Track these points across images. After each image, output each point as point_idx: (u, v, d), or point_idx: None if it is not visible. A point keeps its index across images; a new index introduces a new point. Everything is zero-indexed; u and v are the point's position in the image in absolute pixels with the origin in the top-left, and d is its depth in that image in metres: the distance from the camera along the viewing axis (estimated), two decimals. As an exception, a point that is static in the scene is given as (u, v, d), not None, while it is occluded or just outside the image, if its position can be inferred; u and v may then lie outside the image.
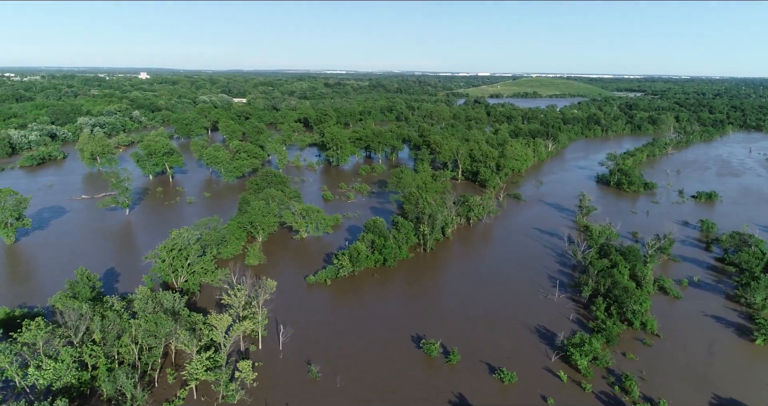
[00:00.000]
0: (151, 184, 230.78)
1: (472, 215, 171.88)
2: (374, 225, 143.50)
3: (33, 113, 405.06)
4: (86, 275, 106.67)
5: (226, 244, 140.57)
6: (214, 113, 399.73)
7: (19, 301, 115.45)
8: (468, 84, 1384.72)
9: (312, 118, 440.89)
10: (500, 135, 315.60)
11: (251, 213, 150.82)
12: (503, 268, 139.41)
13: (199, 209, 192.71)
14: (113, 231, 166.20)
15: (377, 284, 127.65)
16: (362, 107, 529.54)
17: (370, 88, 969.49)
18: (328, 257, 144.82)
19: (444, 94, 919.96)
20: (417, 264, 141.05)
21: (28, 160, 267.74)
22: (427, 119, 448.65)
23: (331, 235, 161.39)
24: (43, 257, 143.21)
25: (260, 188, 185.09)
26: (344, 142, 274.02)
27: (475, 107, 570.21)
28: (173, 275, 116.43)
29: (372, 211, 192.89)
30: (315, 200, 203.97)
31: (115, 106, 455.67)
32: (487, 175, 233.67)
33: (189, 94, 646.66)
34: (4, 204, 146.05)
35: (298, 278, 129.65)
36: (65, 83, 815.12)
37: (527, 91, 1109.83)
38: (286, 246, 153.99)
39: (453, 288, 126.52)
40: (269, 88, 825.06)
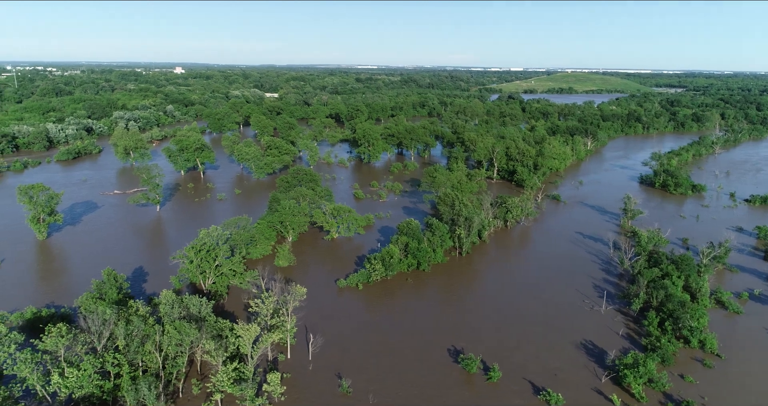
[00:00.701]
0: (182, 180, 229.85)
1: (509, 217, 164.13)
2: (408, 227, 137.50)
3: (71, 107, 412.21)
4: (113, 276, 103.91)
5: (255, 244, 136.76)
6: (246, 108, 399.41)
7: (48, 298, 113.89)
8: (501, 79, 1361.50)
9: (343, 113, 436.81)
10: (537, 132, 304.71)
11: (281, 212, 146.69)
12: (544, 275, 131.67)
13: (229, 206, 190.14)
14: (143, 228, 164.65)
15: (411, 290, 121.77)
16: (394, 103, 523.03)
17: (401, 83, 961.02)
18: (360, 259, 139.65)
19: (477, 90, 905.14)
20: (452, 269, 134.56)
21: (64, 154, 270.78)
22: (461, 115, 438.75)
23: (362, 235, 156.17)
24: (74, 253, 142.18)
25: (291, 186, 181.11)
26: (376, 139, 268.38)
27: (509, 103, 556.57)
28: (201, 277, 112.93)
29: (404, 211, 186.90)
30: (346, 199, 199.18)
31: (150, 101, 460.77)
32: (524, 174, 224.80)
33: (222, 89, 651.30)
34: (37, 200, 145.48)
35: (328, 281, 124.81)
36: (103, 78, 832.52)
37: (562, 86, 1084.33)
38: (317, 247, 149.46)
39: (491, 296, 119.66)
40: (301, 83, 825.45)
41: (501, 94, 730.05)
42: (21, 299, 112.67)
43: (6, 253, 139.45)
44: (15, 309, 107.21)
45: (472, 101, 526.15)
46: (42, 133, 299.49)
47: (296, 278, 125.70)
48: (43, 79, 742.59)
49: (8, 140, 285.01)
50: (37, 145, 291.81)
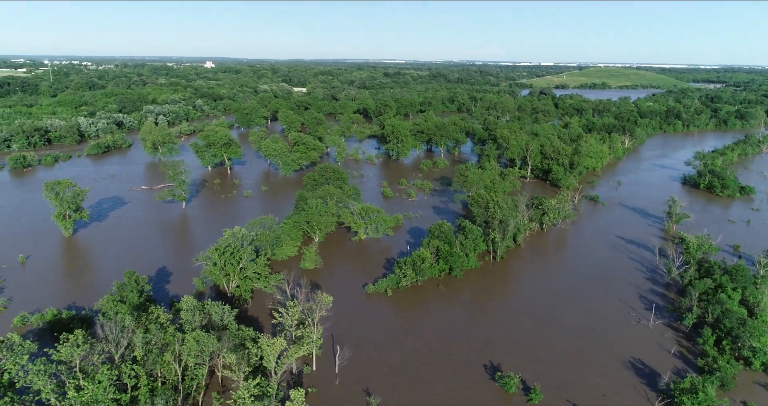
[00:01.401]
0: (209, 175, 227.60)
1: (546, 219, 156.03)
2: (440, 230, 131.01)
3: (102, 101, 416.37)
4: (134, 278, 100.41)
5: (280, 244, 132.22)
6: (274, 103, 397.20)
7: (71, 298, 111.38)
8: (531, 74, 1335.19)
9: (371, 108, 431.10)
10: (572, 129, 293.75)
11: (308, 212, 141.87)
12: (585, 282, 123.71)
13: (255, 204, 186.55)
14: (169, 225, 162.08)
15: (443, 297, 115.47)
16: (422, 98, 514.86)
17: (430, 77, 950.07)
18: (389, 262, 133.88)
19: (506, 85, 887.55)
20: (486, 275, 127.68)
21: (94, 148, 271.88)
22: (491, 111, 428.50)
23: (391, 237, 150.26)
24: (98, 250, 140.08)
25: (318, 184, 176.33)
26: (405, 135, 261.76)
27: (541, 99, 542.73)
28: (224, 280, 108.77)
29: (434, 211, 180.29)
30: (374, 197, 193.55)
31: (180, 95, 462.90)
32: (559, 174, 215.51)
33: (251, 83, 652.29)
34: (63, 196, 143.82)
35: (356, 286, 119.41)
36: (136, 72, 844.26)
37: (595, 81, 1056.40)
38: (344, 248, 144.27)
39: (529, 305, 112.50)
40: (329, 78, 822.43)
41: (532, 90, 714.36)
42: (44, 298, 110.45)
43: (32, 249, 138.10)
44: (37, 309, 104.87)
45: (503, 97, 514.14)
46: (73, 127, 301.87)
47: (322, 282, 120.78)
48: (77, 74, 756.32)
49: (41, 134, 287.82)
50: (68, 139, 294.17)
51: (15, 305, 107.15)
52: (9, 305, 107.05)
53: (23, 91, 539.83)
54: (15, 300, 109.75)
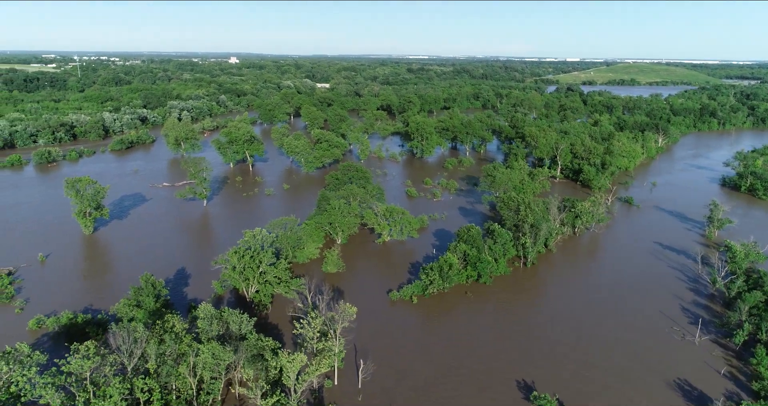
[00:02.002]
0: (231, 172, 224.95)
1: (578, 223, 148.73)
2: (468, 234, 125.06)
3: (128, 97, 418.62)
4: (151, 282, 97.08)
5: (302, 246, 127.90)
6: (297, 99, 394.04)
7: (89, 299, 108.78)
8: (557, 70, 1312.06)
9: (395, 105, 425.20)
10: (603, 128, 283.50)
11: (330, 213, 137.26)
12: (622, 292, 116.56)
13: (277, 202, 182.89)
14: (190, 224, 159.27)
15: (471, 306, 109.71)
16: (447, 94, 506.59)
17: (453, 73, 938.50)
18: (414, 266, 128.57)
19: (532, 81, 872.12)
20: (516, 282, 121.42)
21: (118, 144, 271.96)
22: (517, 108, 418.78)
23: (415, 239, 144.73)
24: (118, 249, 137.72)
25: (341, 183, 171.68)
26: (430, 133, 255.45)
27: (568, 95, 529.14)
28: (244, 284, 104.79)
29: (460, 212, 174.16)
30: (398, 197, 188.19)
31: (203, 91, 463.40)
32: (591, 174, 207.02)
33: (274, 79, 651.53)
34: (83, 193, 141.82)
35: (380, 292, 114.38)
36: (162, 67, 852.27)
37: (623, 78, 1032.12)
38: (367, 251, 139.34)
39: (562, 316, 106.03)
40: (352, 73, 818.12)
41: (559, 86, 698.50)
42: (61, 299, 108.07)
43: (52, 247, 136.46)
44: (53, 312, 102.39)
45: (530, 93, 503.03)
46: (98, 122, 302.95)
47: (345, 287, 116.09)
48: (104, 69, 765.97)
49: (66, 129, 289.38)
50: (92, 135, 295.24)
51: (32, 306, 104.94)
52: (26, 306, 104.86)
53: (52, 86, 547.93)
54: (32, 301, 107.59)
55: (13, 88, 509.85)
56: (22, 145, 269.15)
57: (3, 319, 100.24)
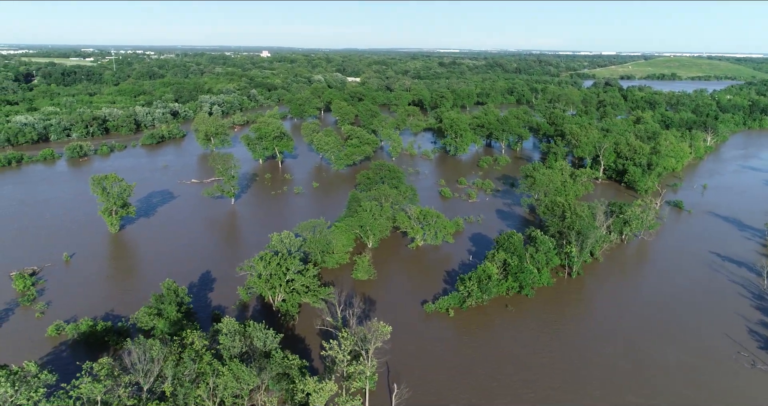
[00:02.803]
0: (260, 169, 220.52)
1: (627, 230, 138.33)
2: (508, 241, 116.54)
3: (160, 91, 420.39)
4: (173, 289, 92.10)
5: (331, 250, 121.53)
6: (328, 94, 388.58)
7: (111, 302, 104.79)
8: (593, 64, 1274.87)
9: (426, 100, 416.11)
10: (648, 125, 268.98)
11: (362, 215, 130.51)
12: (679, 310, 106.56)
13: (306, 201, 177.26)
14: (216, 223, 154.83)
15: (513, 321, 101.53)
16: (480, 89, 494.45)
17: (486, 67, 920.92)
18: (449, 274, 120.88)
19: (567, 75, 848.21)
20: (560, 294, 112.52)
21: (149, 138, 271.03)
22: (554, 104, 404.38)
23: (450, 244, 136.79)
24: (143, 250, 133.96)
25: (372, 183, 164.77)
26: (464, 130, 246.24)
27: (607, 90, 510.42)
28: (270, 293, 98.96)
29: (498, 214, 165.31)
30: (431, 198, 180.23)
31: (235, 85, 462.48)
32: (636, 175, 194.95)
33: (305, 73, 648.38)
34: (110, 191, 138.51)
35: (413, 303, 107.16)
36: (195, 61, 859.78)
37: (663, 72, 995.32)
38: (399, 256, 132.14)
39: (614, 335, 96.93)
40: (383, 67, 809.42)
41: (597, 81, 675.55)
42: (84, 302, 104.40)
43: (78, 246, 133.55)
44: (73, 317, 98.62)
45: (567, 88, 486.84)
46: (130, 116, 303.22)
47: (376, 296, 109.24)
48: (139, 63, 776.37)
49: (99, 123, 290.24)
50: (124, 129, 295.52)
51: (53, 310, 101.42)
52: (47, 310, 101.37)
53: (88, 79, 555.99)
54: (54, 304, 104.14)
55: (51, 82, 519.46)
56: (56, 139, 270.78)
57: (23, 324, 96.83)
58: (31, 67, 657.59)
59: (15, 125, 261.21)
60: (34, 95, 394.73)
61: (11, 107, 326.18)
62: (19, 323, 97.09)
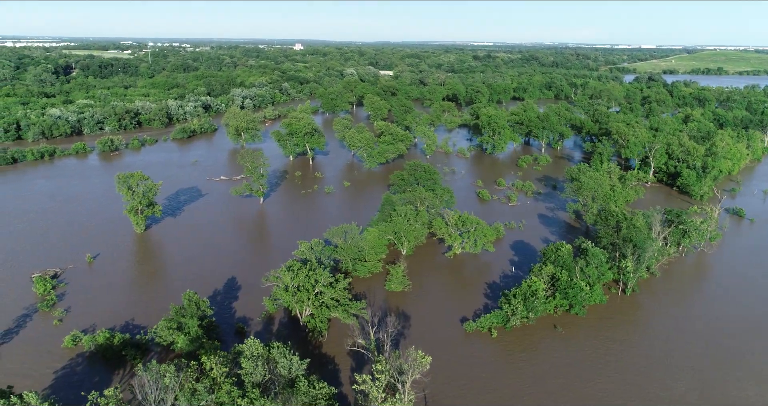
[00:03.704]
0: (290, 166, 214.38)
1: (686, 242, 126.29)
2: (556, 254, 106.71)
3: (193, 84, 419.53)
4: (195, 301, 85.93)
5: (363, 256, 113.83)
6: (360, 88, 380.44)
7: (132, 310, 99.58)
8: (632, 58, 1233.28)
9: (461, 94, 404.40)
10: (699, 124, 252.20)
11: (396, 220, 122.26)
12: (753, 335, 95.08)
13: (336, 202, 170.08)
14: (244, 224, 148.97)
15: (564, 344, 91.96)
16: (516, 83, 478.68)
17: (522, 61, 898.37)
18: (490, 286, 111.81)
19: (606, 69, 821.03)
20: (615, 314, 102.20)
21: (180, 132, 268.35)
22: (595, 99, 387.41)
23: (490, 252, 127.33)
24: (167, 253, 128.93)
25: (407, 184, 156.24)
26: (503, 127, 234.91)
27: (651, 86, 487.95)
28: (297, 307, 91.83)
29: (541, 220, 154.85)
30: (467, 200, 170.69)
31: (267, 78, 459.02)
32: (691, 179, 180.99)
33: (337, 67, 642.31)
34: (135, 189, 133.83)
35: (452, 320, 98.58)
36: (229, 54, 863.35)
37: (709, 66, 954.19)
38: (435, 265, 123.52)
39: (680, 365, 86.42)
40: (416, 61, 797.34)
41: (639, 75, 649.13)
42: (104, 308, 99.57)
43: (102, 246, 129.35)
44: (93, 325, 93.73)
45: (609, 83, 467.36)
46: (162, 110, 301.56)
47: (411, 311, 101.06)
48: (174, 55, 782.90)
49: (131, 116, 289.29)
50: (156, 122, 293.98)
51: (71, 318, 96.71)
52: (65, 317, 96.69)
53: (124, 72, 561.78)
54: (73, 310, 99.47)
55: (89, 74, 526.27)
56: (89, 132, 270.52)
57: (40, 332, 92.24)
58: (70, 59, 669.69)
59: (49, 118, 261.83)
60: (71, 88, 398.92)
61: (48, 100, 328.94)
62: (36, 330, 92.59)
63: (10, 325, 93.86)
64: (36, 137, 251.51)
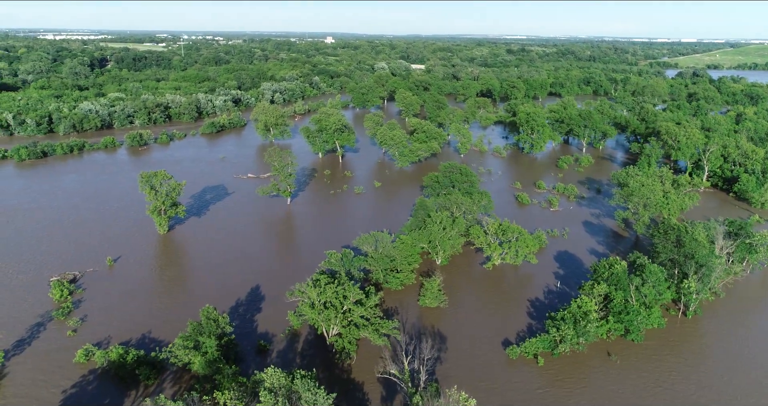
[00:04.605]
0: (319, 164, 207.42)
1: (753, 258, 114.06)
2: (609, 271, 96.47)
3: (224, 77, 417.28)
4: (214, 318, 79.25)
5: (395, 266, 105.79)
6: (392, 82, 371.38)
7: (150, 322, 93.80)
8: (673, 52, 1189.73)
9: (496, 89, 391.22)
10: (757, 124, 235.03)
11: (431, 229, 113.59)
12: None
13: (367, 203, 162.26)
14: (270, 227, 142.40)
15: (619, 374, 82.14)
16: (553, 78, 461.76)
17: (558, 55, 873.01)
18: (533, 304, 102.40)
19: (646, 64, 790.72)
20: (675, 341, 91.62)
21: (209, 127, 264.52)
22: (637, 96, 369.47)
23: (532, 264, 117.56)
24: (190, 256, 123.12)
25: (441, 186, 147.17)
26: (542, 125, 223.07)
27: (696, 82, 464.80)
28: (324, 325, 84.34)
29: (585, 228, 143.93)
30: (505, 204, 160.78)
31: (297, 71, 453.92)
32: (750, 184, 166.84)
33: (368, 60, 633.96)
34: (158, 189, 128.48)
35: (493, 343, 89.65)
36: (260, 47, 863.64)
37: (756, 61, 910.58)
38: (472, 277, 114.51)
39: (750, 401, 75.87)
40: (448, 54, 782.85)
41: (683, 70, 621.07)
42: (121, 317, 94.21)
43: (124, 248, 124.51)
44: (108, 337, 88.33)
45: (652, 79, 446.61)
46: (192, 104, 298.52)
47: (448, 331, 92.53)
48: (207, 48, 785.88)
49: (161, 110, 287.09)
50: (186, 116, 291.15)
51: (86, 328, 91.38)
52: (80, 327, 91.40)
53: (158, 65, 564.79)
54: (89, 319, 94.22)
55: (123, 67, 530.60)
56: (119, 126, 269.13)
57: (53, 343, 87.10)
58: (106, 52, 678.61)
59: (80, 112, 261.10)
60: (104, 81, 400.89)
61: (81, 93, 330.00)
62: (49, 341, 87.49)
63: (23, 335, 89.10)
64: (67, 130, 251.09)
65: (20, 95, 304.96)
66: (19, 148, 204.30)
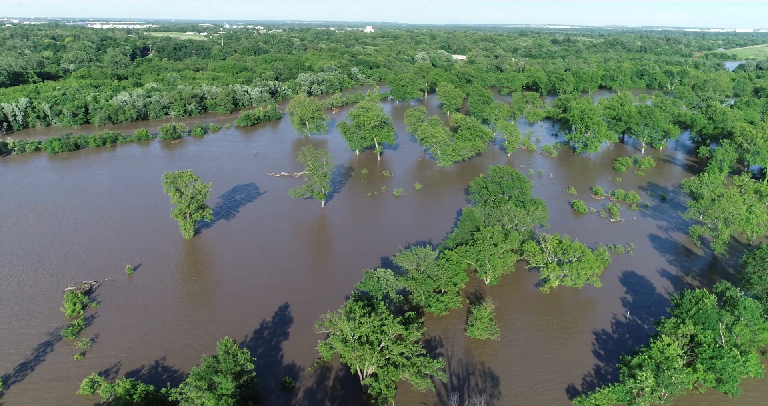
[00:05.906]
0: (356, 162, 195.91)
1: None
2: (696, 306, 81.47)
3: (261, 67, 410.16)
4: (233, 353, 68.68)
5: (439, 285, 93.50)
6: (433, 74, 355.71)
7: (165, 346, 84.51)
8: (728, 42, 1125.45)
9: (543, 82, 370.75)
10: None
11: (480, 245, 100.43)
12: None
13: (406, 208, 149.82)
14: (302, 234, 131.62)
15: (709, 439, 67.91)
16: (603, 70, 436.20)
17: (605, 45, 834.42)
18: (599, 338, 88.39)
19: (702, 55, 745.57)
20: (777, 394, 76.34)
21: (244, 119, 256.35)
22: (698, 91, 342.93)
23: (595, 287, 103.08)
24: (215, 267, 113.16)
25: (490, 193, 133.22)
26: (598, 123, 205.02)
27: (762, 75, 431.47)
28: (358, 364, 72.78)
29: (652, 242, 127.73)
30: (559, 212, 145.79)
31: (335, 62, 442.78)
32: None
33: (408, 50, 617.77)
34: (184, 191, 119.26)
35: (555, 387, 76.39)
36: (300, 36, 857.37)
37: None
38: (525, 301, 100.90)
39: None
40: (490, 45, 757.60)
41: (745, 62, 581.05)
42: (134, 340, 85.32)
43: (146, 254, 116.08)
44: (118, 363, 79.38)
45: (713, 72, 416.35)
46: (229, 95, 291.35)
47: (501, 371, 79.67)
48: (247, 38, 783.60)
49: (197, 101, 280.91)
50: (221, 108, 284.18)
51: (96, 351, 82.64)
52: (89, 350, 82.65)
53: (197, 54, 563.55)
54: (100, 339, 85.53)
55: (164, 56, 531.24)
56: (155, 118, 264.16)
57: (59, 368, 78.58)
58: (148, 41, 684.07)
59: (115, 103, 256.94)
60: (143, 70, 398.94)
61: (119, 82, 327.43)
62: (54, 366, 79.02)
63: (28, 356, 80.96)
64: (102, 122, 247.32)
65: (59, 84, 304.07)
66: (53, 141, 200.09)
